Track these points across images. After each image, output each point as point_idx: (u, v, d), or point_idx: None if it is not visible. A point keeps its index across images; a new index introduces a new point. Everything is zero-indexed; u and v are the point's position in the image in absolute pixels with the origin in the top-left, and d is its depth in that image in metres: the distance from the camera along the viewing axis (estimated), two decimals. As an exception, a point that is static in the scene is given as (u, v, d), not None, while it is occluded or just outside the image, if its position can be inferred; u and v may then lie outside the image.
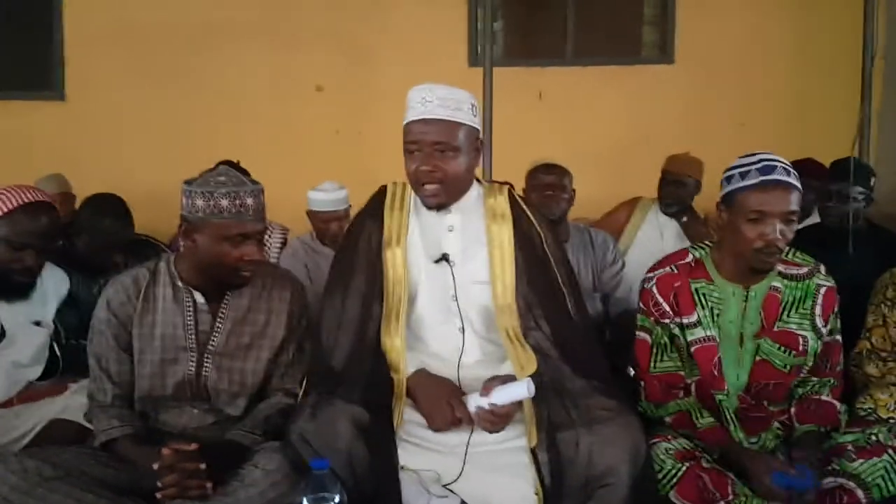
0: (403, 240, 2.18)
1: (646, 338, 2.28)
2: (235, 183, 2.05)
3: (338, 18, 5.12)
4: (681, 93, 5.22)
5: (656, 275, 2.26)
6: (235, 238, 2.05)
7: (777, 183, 2.06)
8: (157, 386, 2.13)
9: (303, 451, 1.91)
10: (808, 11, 5.16)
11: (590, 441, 1.93)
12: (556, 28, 5.35)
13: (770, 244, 2.07)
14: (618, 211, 3.89)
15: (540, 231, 2.25)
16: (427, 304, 2.17)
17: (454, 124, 2.09)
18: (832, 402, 2.22)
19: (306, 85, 5.17)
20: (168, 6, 5.05)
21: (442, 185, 2.11)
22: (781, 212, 2.05)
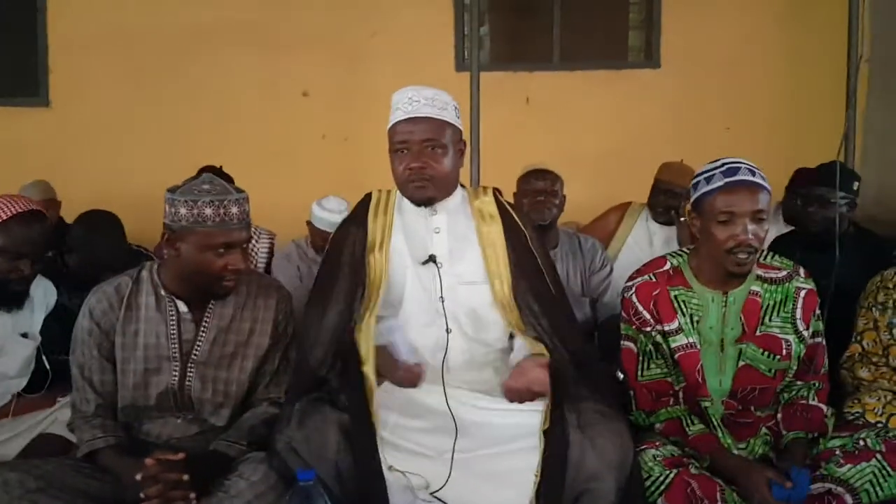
0: (387, 244, 2.20)
1: (631, 346, 2.28)
2: (220, 191, 2.03)
3: (325, 23, 5.11)
4: (667, 97, 5.23)
5: (635, 284, 2.27)
6: (219, 247, 2.03)
7: (742, 183, 2.09)
8: (140, 396, 2.10)
9: (290, 461, 1.90)
10: (794, 16, 5.18)
11: (581, 443, 1.92)
12: (543, 33, 5.35)
13: (741, 244, 2.08)
14: (607, 216, 3.88)
15: (524, 229, 2.29)
16: (412, 306, 2.17)
17: (442, 122, 2.14)
18: (819, 407, 2.22)
19: (293, 89, 5.16)
20: (153, 11, 5.03)
21: (431, 181, 2.14)
22: (749, 211, 2.08)
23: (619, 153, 4.96)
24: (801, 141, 4.86)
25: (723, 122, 5.18)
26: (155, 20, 5.02)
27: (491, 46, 5.53)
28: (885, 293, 2.52)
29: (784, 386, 2.25)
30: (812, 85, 5.06)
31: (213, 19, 5.03)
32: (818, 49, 4.99)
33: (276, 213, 4.40)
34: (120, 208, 3.35)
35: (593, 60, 5.30)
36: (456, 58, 5.23)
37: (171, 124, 5.04)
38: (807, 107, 5.07)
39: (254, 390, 2.19)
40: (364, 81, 5.11)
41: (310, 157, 5.06)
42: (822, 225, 3.01)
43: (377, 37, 5.16)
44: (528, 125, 5.10)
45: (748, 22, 5.20)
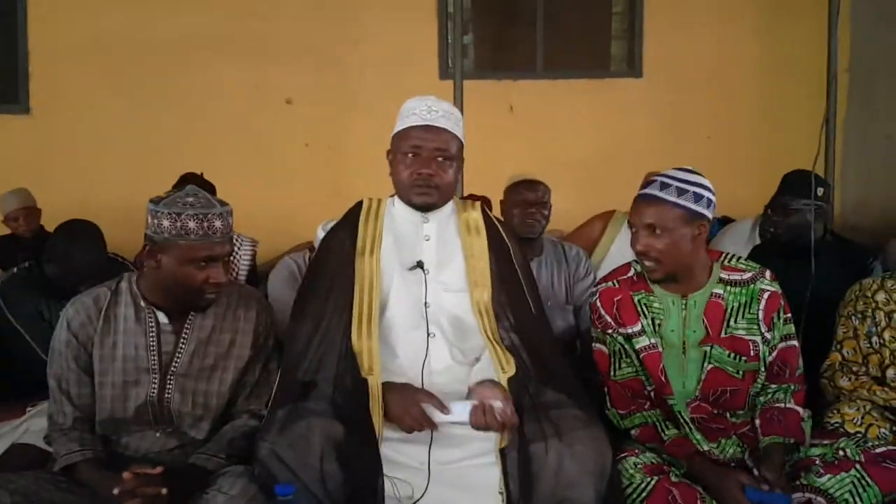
0: (377, 249, 2.22)
1: (602, 348, 2.34)
2: (204, 205, 2.01)
3: (308, 32, 5.11)
4: (649, 106, 5.27)
5: (599, 289, 2.36)
6: (201, 261, 2.01)
7: (643, 197, 2.21)
8: (118, 409, 2.08)
9: (273, 468, 1.88)
10: (775, 24, 5.23)
11: (559, 450, 1.93)
12: (526, 41, 5.38)
13: (639, 253, 2.21)
14: (591, 224, 3.88)
15: (509, 243, 2.34)
16: (397, 311, 2.18)
17: (454, 136, 2.21)
18: (795, 409, 2.22)
19: (276, 98, 5.16)
20: (135, 19, 5.01)
21: (437, 189, 2.19)
22: (641, 224, 2.18)
23: (602, 161, 5.00)
24: (781, 149, 4.89)
25: (704, 131, 5.22)
26: (137, 28, 5.00)
27: (475, 55, 5.56)
28: (865, 302, 2.53)
29: (758, 390, 2.26)
30: (792, 93, 5.11)
31: (195, 27, 5.02)
32: (798, 58, 5.05)
33: (259, 221, 4.38)
34: (100, 216, 3.31)
35: (576, 69, 5.34)
36: (440, 66, 5.25)
37: (152, 132, 5.02)
38: (787, 115, 5.12)
39: (234, 403, 2.17)
40: (348, 90, 5.12)
41: (293, 165, 5.06)
42: (788, 232, 3.01)
43: (360, 45, 5.17)
44: (512, 133, 5.12)
45: (729, 32, 5.25)
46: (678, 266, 2.20)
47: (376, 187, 2.58)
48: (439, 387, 2.08)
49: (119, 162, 4.95)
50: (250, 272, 3.87)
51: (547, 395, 2.09)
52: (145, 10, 5.02)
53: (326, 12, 5.14)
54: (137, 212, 2.34)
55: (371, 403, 1.97)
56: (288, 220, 3.89)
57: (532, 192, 3.15)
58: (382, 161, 2.34)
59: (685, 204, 2.15)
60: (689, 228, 2.17)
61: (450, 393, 2.07)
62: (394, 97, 4.88)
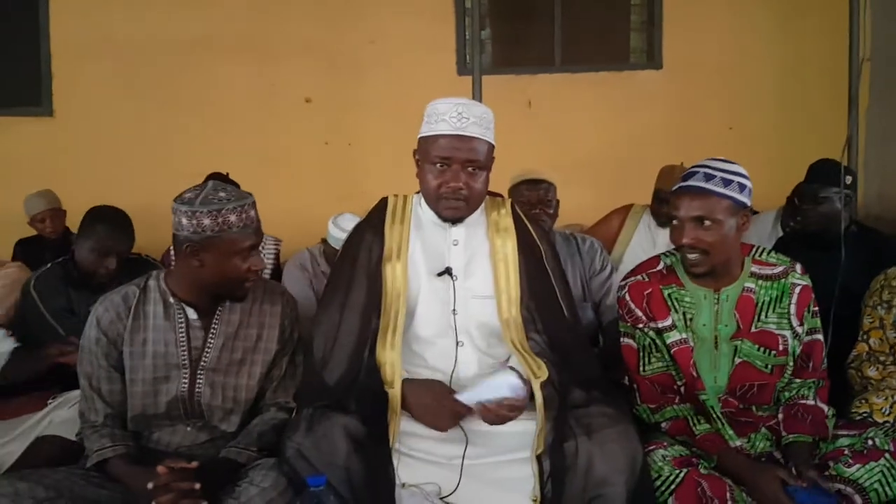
0: (404, 254, 2.17)
1: (630, 342, 2.31)
2: (238, 197, 2.06)
3: (325, 31, 5.12)
4: (669, 98, 5.23)
5: (628, 283, 2.32)
6: (245, 251, 2.06)
7: (688, 189, 2.15)
8: (149, 404, 2.11)
9: (299, 467, 1.90)
10: (795, 15, 5.19)
11: (589, 448, 1.92)
12: (544, 36, 5.36)
13: (682, 246, 2.16)
14: (610, 218, 3.87)
15: (541, 246, 2.26)
16: (425, 318, 2.15)
17: (485, 143, 2.11)
18: (820, 407, 2.21)
19: (295, 97, 5.17)
20: (155, 21, 5.05)
21: (466, 201, 2.12)
22: (687, 217, 2.13)
23: (621, 155, 4.97)
24: (803, 139, 4.85)
25: (725, 123, 5.19)
26: (156, 30, 5.04)
27: (492, 50, 5.54)
28: (890, 291, 2.52)
29: (783, 384, 2.26)
30: (813, 84, 5.07)
31: (214, 29, 5.05)
32: (819, 48, 5.00)
33: (280, 220, 4.39)
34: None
35: (595, 62, 5.31)
36: (457, 62, 5.24)
37: (174, 133, 5.05)
38: (808, 105, 5.08)
39: (262, 396, 2.20)
40: (365, 88, 5.13)
41: (313, 164, 5.08)
42: (816, 223, 2.99)
43: (377, 43, 5.18)
44: (531, 128, 5.11)
45: (749, 22, 5.21)
46: (723, 258, 2.18)
47: (396, 184, 2.56)
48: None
49: (140, 162, 4.98)
50: (274, 270, 3.90)
51: (575, 394, 2.07)
52: (164, 13, 5.05)
53: (342, 11, 5.15)
54: (159, 211, 2.37)
55: (389, 415, 1.97)
56: (308, 218, 3.90)
57: (534, 192, 3.06)
58: (401, 158, 2.31)
59: (731, 194, 2.13)
60: (735, 219, 2.15)
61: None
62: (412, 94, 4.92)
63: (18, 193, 4.26)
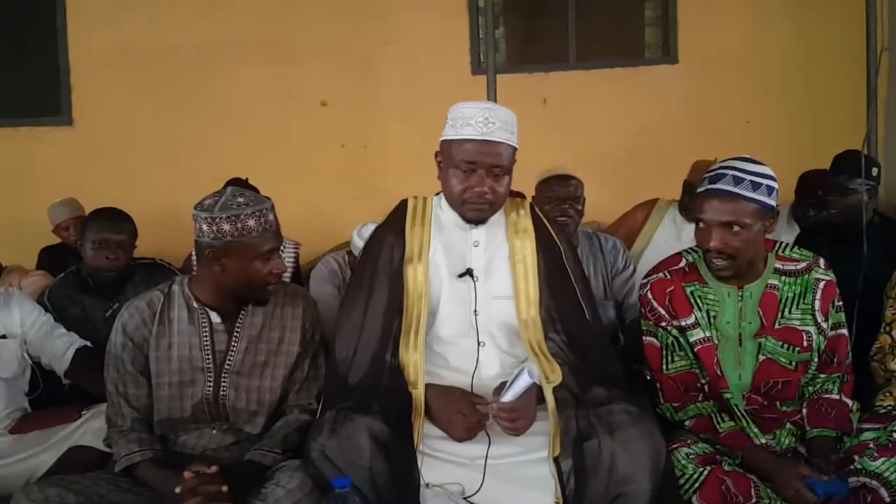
0: (426, 256, 2.19)
1: (653, 341, 2.30)
2: (256, 202, 2.08)
3: (339, 33, 5.14)
4: (685, 92, 5.20)
5: (650, 280, 2.30)
6: (266, 255, 2.09)
7: (717, 192, 2.11)
8: (175, 408, 2.13)
9: (324, 469, 1.91)
10: (811, 6, 5.14)
11: (611, 446, 1.92)
12: (558, 33, 5.34)
13: (710, 250, 2.13)
14: (634, 213, 3.83)
15: (560, 245, 2.27)
16: (446, 320, 2.17)
17: (509, 147, 2.13)
18: (844, 402, 2.20)
19: (310, 100, 5.19)
20: (171, 26, 5.08)
21: (491, 205, 2.14)
22: (717, 221, 2.11)
23: (638, 151, 4.95)
24: (821, 131, 4.82)
25: (742, 116, 5.15)
26: (173, 37, 5.07)
27: (506, 48, 5.54)
28: None
29: (808, 380, 2.24)
30: (830, 75, 5.02)
31: (229, 34, 5.07)
32: (835, 39, 4.95)
33: (297, 223, 4.39)
34: (144, 223, 3.38)
35: (610, 58, 5.28)
36: (471, 61, 5.24)
37: (191, 139, 5.09)
38: (826, 98, 5.03)
39: (285, 398, 2.22)
40: (380, 89, 5.14)
41: (330, 166, 5.09)
42: (843, 214, 2.97)
43: (391, 45, 5.18)
44: (546, 126, 5.09)
45: (765, 14, 5.17)
46: (750, 258, 2.17)
47: (413, 185, 2.57)
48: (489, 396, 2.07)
49: (160, 169, 5.02)
50: (294, 273, 3.92)
51: (597, 392, 2.07)
52: (182, 20, 5.08)
53: (355, 13, 5.16)
54: (180, 218, 2.39)
55: (413, 416, 1.99)
56: (326, 220, 3.93)
57: (564, 188, 3.09)
58: (418, 159, 2.33)
59: (760, 198, 2.11)
60: (763, 222, 2.14)
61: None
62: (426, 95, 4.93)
63: (41, 202, 4.30)
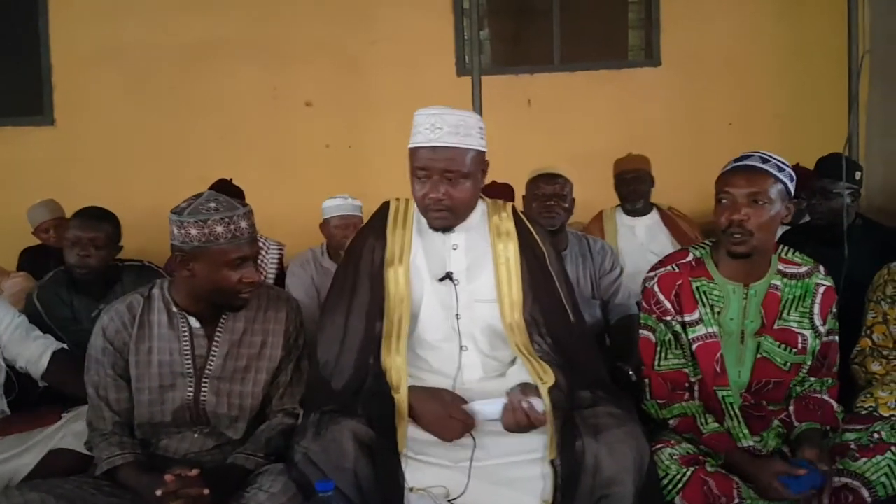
0: (406, 259, 2.18)
1: (649, 336, 2.30)
2: (227, 208, 2.04)
3: (325, 33, 5.13)
4: (668, 94, 5.24)
5: (658, 273, 2.28)
6: (234, 262, 2.04)
7: (745, 167, 2.13)
8: (156, 412, 2.12)
9: (308, 472, 1.90)
10: (793, 10, 5.18)
11: (596, 449, 1.92)
12: (543, 35, 5.36)
13: (733, 224, 2.11)
14: (590, 229, 3.98)
15: (543, 248, 2.26)
16: (428, 323, 2.17)
17: (463, 150, 2.09)
18: (830, 402, 2.22)
19: (296, 100, 5.18)
20: (156, 27, 5.05)
21: (450, 210, 2.12)
22: (745, 193, 2.10)
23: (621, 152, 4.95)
24: (804, 134, 4.85)
25: (725, 119, 5.19)
26: (156, 37, 5.04)
27: (491, 50, 5.55)
28: (894, 286, 2.52)
29: (797, 381, 2.26)
30: (813, 78, 5.06)
31: (213, 34, 5.05)
32: (818, 42, 5.00)
33: (282, 224, 4.41)
34: (127, 224, 3.36)
35: (594, 60, 5.31)
36: (457, 62, 5.25)
37: (175, 139, 5.06)
38: (808, 100, 5.07)
39: (268, 402, 2.21)
40: (366, 89, 5.14)
41: (314, 167, 5.08)
42: (827, 217, 3.01)
43: (377, 45, 5.18)
44: (532, 126, 5.12)
45: (748, 17, 5.21)
46: (764, 244, 2.16)
47: (398, 186, 2.57)
48: (472, 392, 2.09)
49: (143, 169, 4.99)
50: (278, 275, 3.92)
51: (582, 394, 2.08)
52: (163, 19, 5.05)
53: (341, 13, 5.15)
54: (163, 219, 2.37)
55: (397, 420, 1.98)
56: (310, 220, 3.90)
57: (550, 185, 3.17)
58: (402, 159, 2.30)
59: (785, 180, 2.14)
60: (783, 206, 2.15)
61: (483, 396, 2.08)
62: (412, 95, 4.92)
63: (22, 203, 4.26)
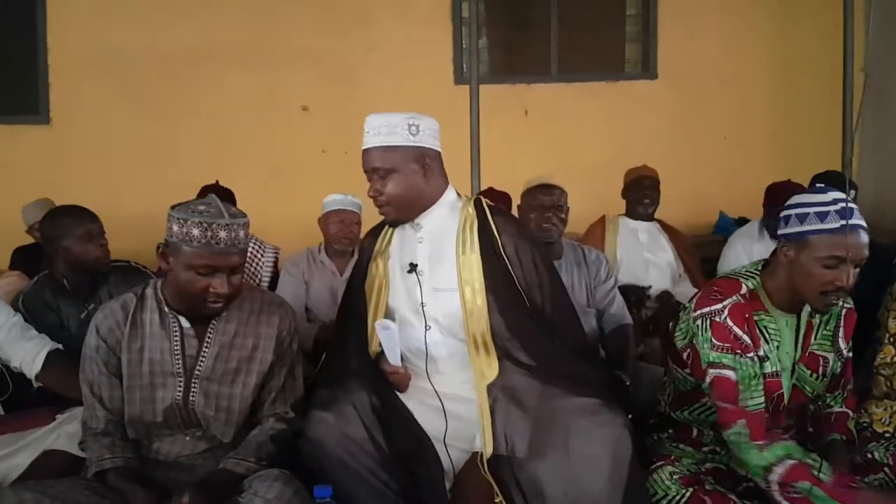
0: (387, 251, 2.37)
1: (729, 375, 2.06)
2: (212, 214, 2.01)
3: (323, 39, 5.14)
4: (664, 107, 5.27)
5: (726, 306, 2.08)
6: (202, 268, 2.01)
7: (858, 229, 2.01)
8: (147, 412, 2.11)
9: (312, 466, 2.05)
10: (789, 26, 5.23)
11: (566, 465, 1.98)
12: (541, 45, 5.39)
13: (840, 288, 2.01)
14: (593, 232, 3.98)
15: (498, 235, 2.30)
16: (400, 311, 2.32)
17: (387, 149, 2.22)
18: (845, 412, 2.21)
19: (292, 106, 5.18)
20: (152, 30, 5.04)
21: (389, 205, 2.26)
22: (859, 258, 2.01)
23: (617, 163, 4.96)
24: (797, 149, 4.90)
25: (720, 132, 5.22)
26: (154, 40, 5.03)
27: (489, 59, 5.56)
28: None
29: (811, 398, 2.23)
30: (807, 93, 5.11)
31: (210, 38, 5.05)
32: (813, 58, 5.04)
33: (278, 227, 4.41)
34: (120, 226, 3.36)
35: (591, 72, 5.34)
36: (454, 71, 5.27)
37: (171, 142, 5.05)
38: (803, 115, 5.12)
39: (259, 406, 2.20)
40: (363, 96, 5.13)
41: (311, 172, 5.07)
42: None
43: (374, 52, 5.19)
44: (528, 136, 5.13)
45: (744, 32, 5.25)
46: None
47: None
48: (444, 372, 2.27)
49: (138, 172, 4.97)
50: (273, 279, 3.91)
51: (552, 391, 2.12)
52: (162, 24, 5.04)
53: (339, 20, 5.16)
54: (156, 221, 2.37)
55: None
56: (307, 225, 3.90)
57: (548, 196, 3.15)
58: None
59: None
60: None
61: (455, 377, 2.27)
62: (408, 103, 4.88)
63: (16, 202, 4.24)
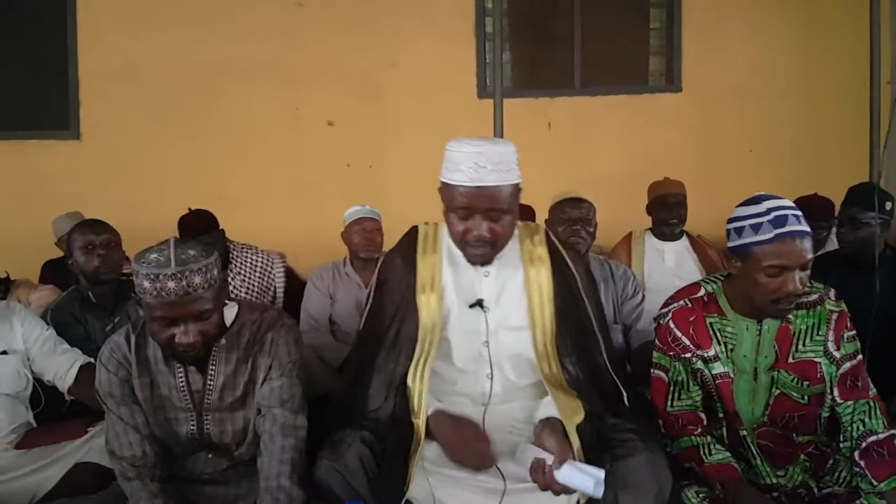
0: (438, 285, 2.13)
1: (661, 376, 2.24)
2: (160, 264, 1.89)
3: (348, 54, 5.18)
4: (688, 120, 5.24)
5: (671, 310, 2.22)
6: (159, 320, 1.93)
7: (792, 235, 2.01)
8: (169, 438, 2.12)
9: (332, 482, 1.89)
10: (814, 38, 5.18)
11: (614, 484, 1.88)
12: (564, 59, 5.39)
13: (789, 294, 2.03)
14: (618, 250, 3.95)
15: (575, 273, 2.19)
16: (458, 349, 2.12)
17: (507, 187, 2.01)
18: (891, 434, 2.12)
19: (318, 120, 5.22)
20: (181, 45, 5.12)
21: (492, 245, 2.06)
22: (800, 263, 2.01)
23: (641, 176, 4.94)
24: (823, 161, 4.85)
25: (744, 145, 5.18)
26: (182, 55, 5.11)
27: (512, 73, 5.58)
28: None
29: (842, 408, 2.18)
30: (833, 106, 5.05)
31: (237, 53, 5.12)
32: (838, 70, 4.99)
33: (303, 241, 4.46)
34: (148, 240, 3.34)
35: (614, 85, 5.33)
36: (478, 85, 5.28)
37: (198, 156, 5.11)
38: (828, 128, 5.06)
39: None
40: (387, 110, 5.18)
41: (335, 186, 5.11)
42: (854, 246, 2.98)
43: (398, 67, 5.23)
44: (551, 150, 5.13)
45: (769, 45, 5.21)
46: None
47: (418, 206, 2.58)
48: (499, 425, 2.06)
49: (166, 186, 5.04)
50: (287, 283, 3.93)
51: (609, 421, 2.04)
52: (189, 38, 5.13)
53: (364, 35, 5.20)
54: (184, 235, 2.39)
55: (413, 446, 1.95)
56: (332, 238, 3.92)
57: (576, 210, 3.16)
58: (422, 180, 2.30)
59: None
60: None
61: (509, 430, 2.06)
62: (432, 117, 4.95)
63: (46, 215, 4.31)
